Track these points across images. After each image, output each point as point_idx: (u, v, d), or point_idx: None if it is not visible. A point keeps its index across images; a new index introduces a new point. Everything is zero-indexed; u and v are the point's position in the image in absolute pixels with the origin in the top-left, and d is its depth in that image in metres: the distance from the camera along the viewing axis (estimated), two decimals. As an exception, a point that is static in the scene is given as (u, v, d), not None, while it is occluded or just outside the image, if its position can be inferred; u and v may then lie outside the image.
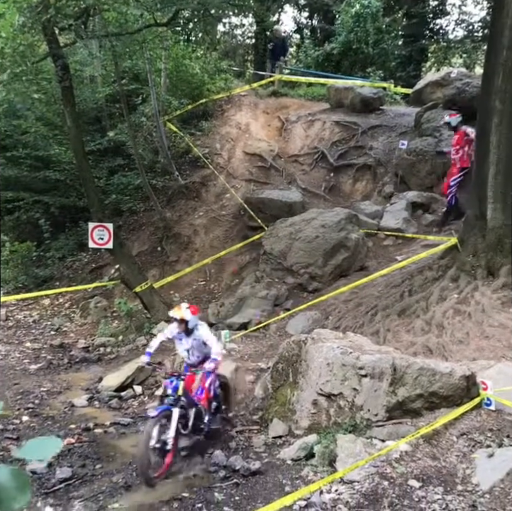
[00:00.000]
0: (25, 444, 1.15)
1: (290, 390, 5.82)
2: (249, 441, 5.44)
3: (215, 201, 12.24)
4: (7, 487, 1.10)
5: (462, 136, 9.88)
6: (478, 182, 7.66)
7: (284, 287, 9.55)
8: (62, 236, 12.23)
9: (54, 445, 1.16)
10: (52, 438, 1.18)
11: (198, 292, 10.74)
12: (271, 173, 12.46)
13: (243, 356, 7.53)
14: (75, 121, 8.83)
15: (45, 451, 1.15)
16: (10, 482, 1.11)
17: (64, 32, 7.80)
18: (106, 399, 6.85)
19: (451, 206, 10.10)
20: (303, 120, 13.33)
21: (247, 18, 12.03)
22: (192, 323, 5.47)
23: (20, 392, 6.90)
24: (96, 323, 9.79)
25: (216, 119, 13.71)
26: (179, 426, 4.95)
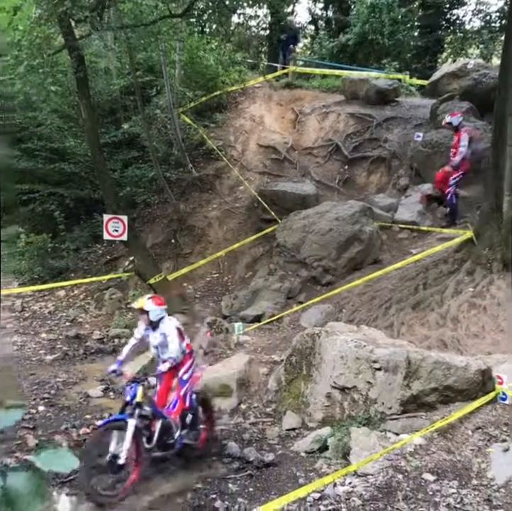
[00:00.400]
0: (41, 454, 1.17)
1: (303, 383, 5.83)
2: (262, 433, 5.47)
3: (229, 193, 12.24)
4: (23, 492, 1.11)
5: (459, 138, 9.87)
6: (494, 175, 7.58)
7: (297, 280, 9.54)
8: (76, 228, 12.31)
9: (70, 462, 1.17)
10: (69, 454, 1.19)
11: (211, 284, 10.77)
12: (285, 165, 12.41)
13: (256, 349, 7.55)
14: (90, 113, 8.86)
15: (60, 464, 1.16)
16: (26, 488, 1.12)
17: (80, 24, 7.82)
18: (121, 390, 6.89)
19: (453, 205, 10.10)
20: (317, 112, 13.24)
21: (261, 9, 11.95)
22: (154, 314, 5.05)
23: (37, 382, 6.98)
24: (110, 315, 9.86)
25: (230, 111, 13.67)
26: (141, 440, 4.55)
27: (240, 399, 6.20)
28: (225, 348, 7.57)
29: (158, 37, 8.31)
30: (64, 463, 1.16)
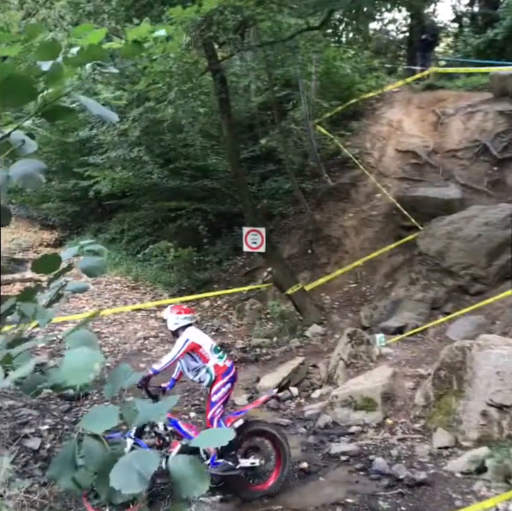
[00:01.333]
0: (199, 434, 1.20)
1: (455, 399, 5.49)
2: (412, 449, 5.23)
3: (366, 201, 12.01)
4: (187, 475, 1.15)
5: None
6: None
7: (442, 290, 9.03)
8: (218, 241, 12.90)
9: (226, 435, 1.19)
10: (224, 429, 1.23)
11: (349, 294, 10.61)
12: (425, 170, 11.88)
13: (400, 361, 7.26)
14: (230, 131, 9.27)
15: (217, 439, 1.20)
16: (189, 471, 1.16)
17: (223, 46, 8.24)
18: (265, 400, 7.04)
19: None
20: (461, 112, 12.50)
21: (400, 13, 11.66)
22: (171, 323, 4.81)
23: (187, 389, 7.35)
24: (251, 325, 10.14)
25: (367, 118, 13.46)
26: None
27: (386, 413, 6.00)
28: (367, 360, 7.39)
29: (295, 52, 8.48)
30: (219, 439, 1.19)
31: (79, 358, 1.18)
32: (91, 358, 1.18)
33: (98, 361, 1.17)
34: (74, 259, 1.71)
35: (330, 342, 8.67)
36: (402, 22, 17.00)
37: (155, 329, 10.32)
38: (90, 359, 1.17)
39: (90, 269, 1.63)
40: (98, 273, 1.64)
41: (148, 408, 1.32)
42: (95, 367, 1.15)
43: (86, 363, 1.16)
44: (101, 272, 1.65)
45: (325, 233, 11.74)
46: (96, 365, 1.15)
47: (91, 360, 1.17)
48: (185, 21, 5.71)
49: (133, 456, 1.15)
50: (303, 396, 7.18)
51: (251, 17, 6.84)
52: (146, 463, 1.13)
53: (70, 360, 1.19)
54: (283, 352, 8.66)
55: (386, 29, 15.80)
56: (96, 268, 1.64)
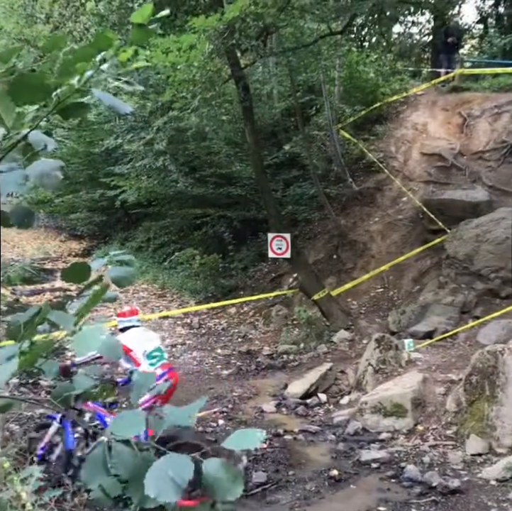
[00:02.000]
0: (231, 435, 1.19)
1: (487, 405, 5.38)
2: (444, 456, 5.13)
3: (391, 205, 11.89)
4: (220, 478, 1.14)
5: None
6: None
7: (471, 293, 8.87)
8: (244, 248, 12.93)
9: (257, 437, 1.17)
10: (255, 431, 1.19)
11: (376, 299, 10.50)
12: (452, 172, 11.72)
13: (430, 367, 7.14)
14: (254, 138, 9.30)
15: (249, 442, 1.17)
16: (222, 474, 1.15)
17: (245, 53, 8.30)
18: (293, 406, 6.99)
19: None
20: (488, 113, 12.31)
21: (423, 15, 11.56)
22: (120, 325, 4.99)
23: (215, 396, 7.36)
24: (278, 331, 10.12)
25: (391, 122, 13.36)
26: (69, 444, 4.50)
27: (416, 419, 5.90)
28: (396, 365, 7.28)
29: (318, 57, 8.47)
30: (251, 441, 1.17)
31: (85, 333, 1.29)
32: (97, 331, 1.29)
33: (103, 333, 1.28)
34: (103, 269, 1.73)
35: (357, 347, 8.59)
36: (425, 25, 16.90)
37: (182, 336, 10.38)
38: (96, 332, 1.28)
39: (119, 279, 1.64)
40: (127, 283, 1.65)
41: (176, 413, 1.32)
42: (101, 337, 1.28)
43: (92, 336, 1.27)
44: (130, 282, 1.66)
45: (351, 238, 11.67)
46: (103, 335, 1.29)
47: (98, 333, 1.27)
48: (208, 30, 5.77)
49: (167, 462, 1.14)
50: (331, 402, 7.12)
51: (273, 23, 6.87)
52: (181, 470, 1.12)
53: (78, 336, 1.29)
54: (310, 358, 8.61)
55: (409, 32, 15.70)
56: (125, 278, 1.65)
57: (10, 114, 1.37)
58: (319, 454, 5.66)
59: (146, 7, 1.48)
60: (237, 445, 1.21)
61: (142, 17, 1.46)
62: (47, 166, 1.38)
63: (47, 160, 1.41)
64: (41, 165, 1.38)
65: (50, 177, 1.36)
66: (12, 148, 1.42)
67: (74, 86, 1.50)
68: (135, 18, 1.47)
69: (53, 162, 1.39)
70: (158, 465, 1.14)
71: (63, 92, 1.49)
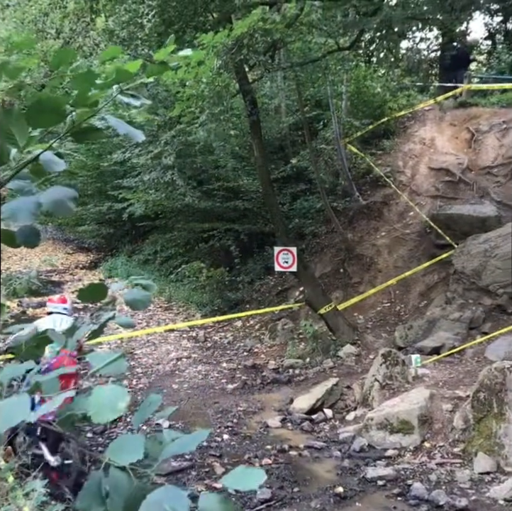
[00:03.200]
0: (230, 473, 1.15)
1: (495, 422, 5.31)
2: (451, 475, 5.05)
3: (398, 219, 11.88)
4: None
5: None
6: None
7: (479, 309, 8.81)
8: (250, 261, 12.93)
9: (257, 477, 1.13)
10: (256, 470, 1.15)
11: (383, 314, 10.45)
12: (459, 187, 11.70)
13: (437, 383, 7.07)
14: (261, 152, 9.34)
15: (248, 481, 1.13)
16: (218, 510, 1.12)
17: (253, 68, 8.37)
18: (298, 422, 6.93)
19: None
20: (496, 129, 12.32)
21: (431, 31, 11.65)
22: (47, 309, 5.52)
23: (220, 410, 7.32)
24: (284, 345, 10.07)
25: (398, 137, 13.39)
26: None
27: (423, 436, 5.83)
28: (403, 381, 7.21)
29: (325, 72, 8.52)
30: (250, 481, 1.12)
31: (105, 396, 1.18)
32: (118, 396, 1.17)
33: (124, 400, 1.16)
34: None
35: (364, 362, 8.53)
36: (433, 41, 16.99)
37: (188, 350, 10.36)
38: (116, 397, 1.17)
39: (134, 302, 1.65)
40: (142, 307, 1.66)
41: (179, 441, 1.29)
42: (120, 407, 1.14)
43: (112, 402, 1.16)
44: (146, 306, 1.67)
45: (358, 252, 11.64)
46: (122, 404, 1.14)
47: (118, 398, 1.17)
48: (216, 46, 5.83)
49: (163, 495, 1.12)
50: (337, 418, 7.05)
51: (281, 39, 6.94)
52: (176, 503, 1.10)
53: (97, 397, 1.18)
54: (316, 373, 8.55)
55: (417, 48, 15.76)
56: (141, 302, 1.66)
57: (24, 135, 1.38)
58: (324, 471, 5.60)
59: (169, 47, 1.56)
60: (235, 484, 1.16)
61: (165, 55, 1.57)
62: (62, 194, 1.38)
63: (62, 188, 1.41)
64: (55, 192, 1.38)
65: (64, 206, 1.36)
66: (22, 168, 1.43)
67: (88, 112, 1.52)
68: (159, 56, 1.56)
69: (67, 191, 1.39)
70: (153, 496, 1.10)
71: (78, 116, 1.51)
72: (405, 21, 7.09)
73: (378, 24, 7.02)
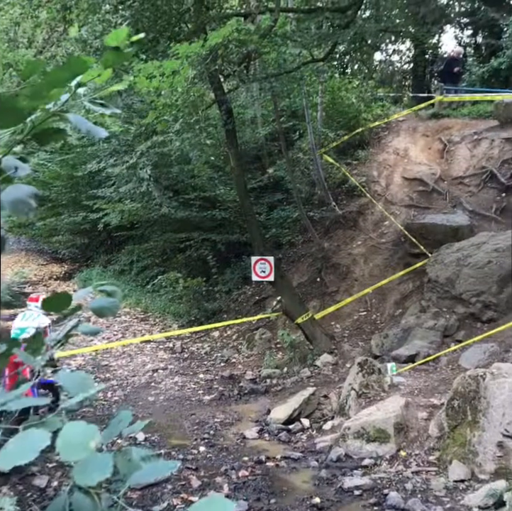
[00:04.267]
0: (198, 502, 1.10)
1: (469, 430, 5.34)
2: (427, 483, 5.06)
3: (374, 229, 12.01)
4: None
5: None
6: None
7: (453, 317, 8.92)
8: (227, 271, 12.91)
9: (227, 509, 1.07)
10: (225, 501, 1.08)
11: (359, 322, 10.51)
12: (433, 197, 11.89)
13: (413, 391, 7.11)
14: (238, 162, 9.36)
15: None
16: None
17: (228, 78, 8.41)
18: (275, 432, 6.89)
19: None
20: (467, 140, 12.58)
21: (404, 44, 11.93)
22: None
23: (197, 422, 7.23)
24: (261, 355, 10.04)
25: (373, 147, 13.57)
26: None
27: (399, 445, 5.84)
28: (379, 389, 7.24)
29: (300, 83, 8.59)
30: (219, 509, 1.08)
31: (75, 433, 1.12)
32: (88, 434, 1.12)
33: (94, 439, 1.10)
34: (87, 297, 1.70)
35: (341, 371, 8.55)
36: (406, 53, 17.34)
37: (164, 361, 10.25)
38: (87, 436, 1.11)
39: (101, 309, 1.61)
40: (109, 314, 1.61)
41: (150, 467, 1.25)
42: (90, 446, 1.09)
43: (82, 440, 1.10)
44: (113, 313, 1.62)
45: (334, 261, 11.72)
46: (92, 443, 1.09)
47: (88, 437, 1.11)
48: (190, 56, 5.84)
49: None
50: (314, 428, 7.03)
51: (255, 50, 6.99)
52: None
53: (67, 434, 1.12)
54: (294, 382, 8.54)
55: (390, 60, 16.09)
56: (108, 309, 1.61)
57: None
58: (301, 481, 5.56)
59: (121, 30, 1.45)
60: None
61: (117, 40, 1.45)
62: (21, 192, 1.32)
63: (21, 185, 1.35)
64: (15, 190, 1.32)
65: (24, 203, 1.30)
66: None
67: (49, 111, 1.47)
68: (110, 41, 1.45)
69: (27, 188, 1.33)
70: None
71: (38, 117, 1.46)
72: (378, 34, 7.20)
73: (351, 36, 7.12)
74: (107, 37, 1.45)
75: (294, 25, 7.11)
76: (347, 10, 7.32)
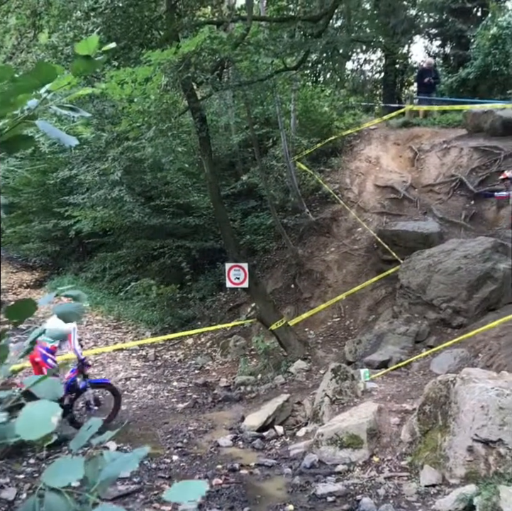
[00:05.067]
0: (171, 487, 1.13)
1: (440, 435, 5.41)
2: (399, 488, 5.11)
3: (347, 235, 12.13)
4: None
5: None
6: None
7: (424, 323, 9.05)
8: (201, 278, 12.86)
9: (199, 489, 1.12)
10: (197, 482, 1.13)
11: (333, 329, 10.58)
12: (404, 204, 12.08)
13: (385, 397, 7.18)
14: (211, 169, 9.36)
15: (190, 494, 1.12)
16: None
17: (201, 86, 8.42)
18: (249, 440, 6.87)
19: None
20: (437, 148, 12.84)
21: (375, 54, 12.14)
22: None
23: (170, 431, 7.17)
24: (235, 362, 10.01)
25: (345, 155, 13.73)
26: None
27: (372, 451, 5.88)
28: (352, 395, 7.29)
29: (273, 91, 8.65)
30: (192, 493, 1.11)
31: (36, 411, 1.10)
32: (50, 411, 1.10)
33: (56, 415, 1.09)
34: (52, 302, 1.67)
35: (315, 378, 8.58)
36: (377, 62, 17.66)
37: (137, 369, 10.14)
38: (48, 412, 1.09)
39: (66, 314, 1.58)
40: (74, 319, 1.59)
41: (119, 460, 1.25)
42: (53, 421, 1.07)
43: (44, 417, 1.08)
44: (79, 317, 1.60)
45: (308, 268, 11.78)
46: (54, 418, 1.07)
47: (50, 413, 1.09)
48: (163, 63, 5.82)
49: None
50: (288, 434, 7.03)
51: (228, 58, 7.02)
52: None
53: (28, 413, 1.11)
54: (268, 389, 8.53)
55: (361, 69, 16.34)
56: (73, 314, 1.59)
57: None
58: (275, 489, 5.55)
59: (92, 38, 1.43)
60: (177, 497, 1.14)
61: (88, 48, 1.43)
62: None
63: None
64: None
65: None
66: None
67: (17, 118, 1.45)
68: (80, 49, 1.42)
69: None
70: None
71: (5, 124, 1.44)
72: (349, 43, 7.30)
73: (323, 45, 7.20)
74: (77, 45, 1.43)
75: (267, 34, 7.18)
76: (319, 19, 7.43)
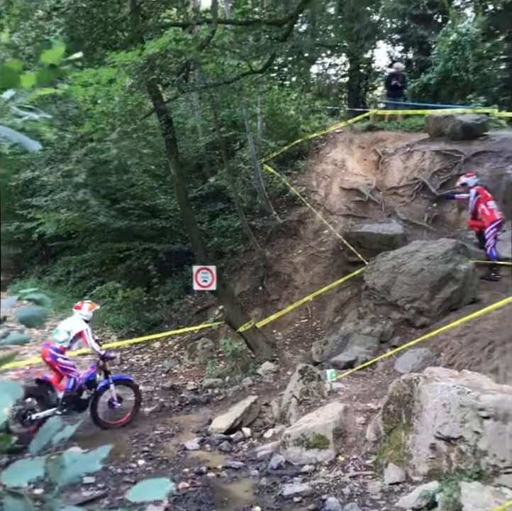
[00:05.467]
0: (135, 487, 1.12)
1: (404, 433, 5.51)
2: (364, 487, 5.18)
3: (314, 237, 12.24)
4: None
5: None
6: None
7: (389, 323, 9.19)
8: (169, 280, 12.77)
9: (164, 487, 1.11)
10: (161, 480, 1.13)
11: (300, 330, 10.66)
12: (369, 207, 12.27)
13: (351, 396, 7.27)
14: (178, 171, 9.31)
15: (155, 493, 1.11)
16: None
17: (167, 88, 8.37)
18: (217, 442, 6.86)
19: (495, 258, 9.58)
20: (400, 152, 13.09)
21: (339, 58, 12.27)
22: None
23: (136, 435, 7.10)
24: (203, 365, 9.98)
25: (312, 158, 13.86)
26: None
27: (338, 450, 5.95)
28: (319, 396, 7.36)
29: (240, 93, 8.66)
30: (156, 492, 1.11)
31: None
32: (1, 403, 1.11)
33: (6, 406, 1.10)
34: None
35: (282, 379, 8.62)
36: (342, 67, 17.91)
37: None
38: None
39: (28, 319, 1.55)
40: (37, 323, 1.56)
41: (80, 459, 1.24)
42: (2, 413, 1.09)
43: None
44: (41, 322, 1.57)
45: (276, 270, 11.84)
46: (5, 409, 1.09)
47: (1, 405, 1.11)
48: (127, 64, 5.77)
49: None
50: (255, 436, 7.05)
51: (193, 60, 7.00)
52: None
53: None
54: (235, 391, 8.54)
55: (327, 73, 16.53)
56: (36, 318, 1.56)
57: None
58: (242, 491, 5.56)
59: (58, 48, 1.41)
60: (142, 496, 1.13)
61: (54, 57, 1.41)
62: None
63: None
64: None
65: None
66: None
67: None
68: (46, 58, 1.40)
69: None
70: None
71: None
72: (314, 47, 7.38)
73: (289, 49, 7.25)
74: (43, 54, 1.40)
75: (232, 37, 7.20)
76: (284, 23, 7.49)
